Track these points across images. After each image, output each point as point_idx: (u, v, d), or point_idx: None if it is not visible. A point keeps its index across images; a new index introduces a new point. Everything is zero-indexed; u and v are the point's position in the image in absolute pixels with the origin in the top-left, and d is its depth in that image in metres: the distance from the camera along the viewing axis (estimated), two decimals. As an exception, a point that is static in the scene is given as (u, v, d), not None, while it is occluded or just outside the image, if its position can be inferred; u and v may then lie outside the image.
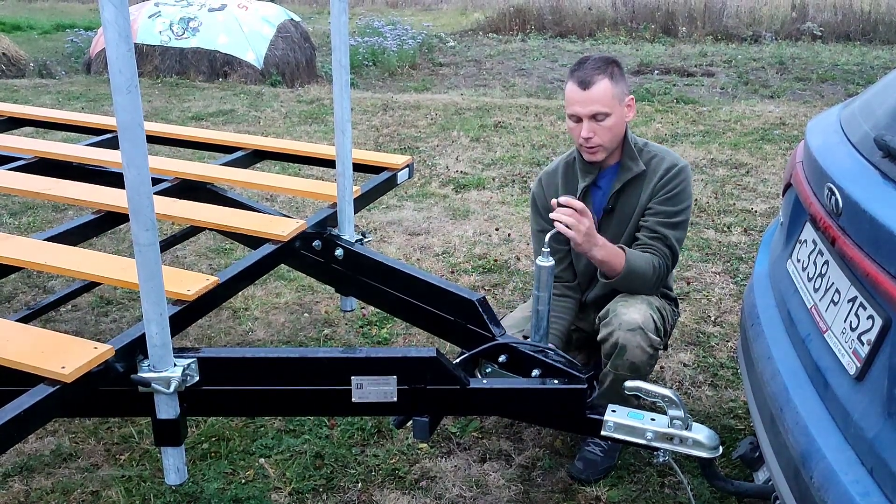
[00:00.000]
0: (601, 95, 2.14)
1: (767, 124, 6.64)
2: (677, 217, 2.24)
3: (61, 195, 2.46)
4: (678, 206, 2.24)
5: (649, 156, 2.27)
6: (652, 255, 2.22)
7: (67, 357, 1.56)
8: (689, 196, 2.27)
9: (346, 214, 2.38)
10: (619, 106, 2.18)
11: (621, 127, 2.22)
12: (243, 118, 7.03)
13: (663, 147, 2.32)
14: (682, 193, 2.24)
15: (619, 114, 2.18)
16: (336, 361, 1.81)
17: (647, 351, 2.16)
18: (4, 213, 4.46)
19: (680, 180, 2.24)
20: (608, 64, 2.17)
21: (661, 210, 2.23)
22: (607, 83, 2.14)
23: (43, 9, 20.59)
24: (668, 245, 2.24)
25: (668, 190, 2.23)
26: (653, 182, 2.25)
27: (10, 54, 10.02)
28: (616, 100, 2.16)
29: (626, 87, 2.21)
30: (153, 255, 1.52)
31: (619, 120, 2.19)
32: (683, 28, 13.74)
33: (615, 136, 2.21)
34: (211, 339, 3.10)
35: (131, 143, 1.43)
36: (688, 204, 2.26)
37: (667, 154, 2.28)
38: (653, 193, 2.25)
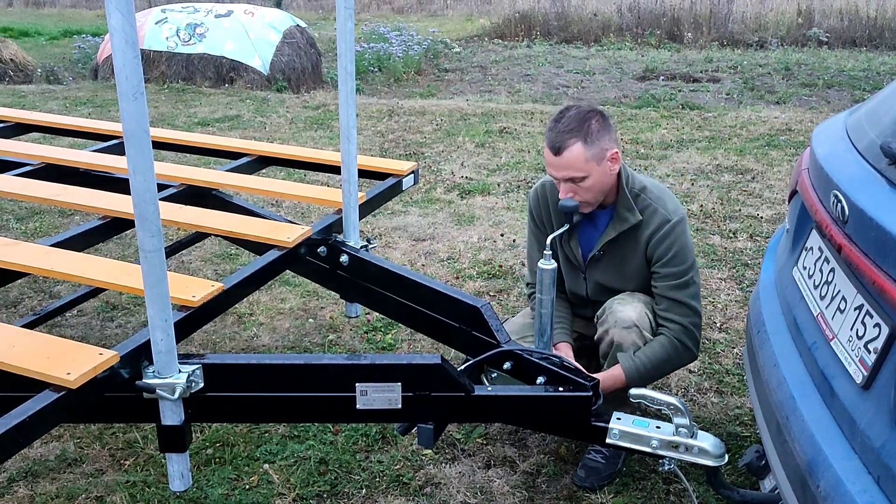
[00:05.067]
0: (573, 160, 2.05)
1: (773, 130, 6.63)
2: (686, 275, 2.18)
3: (68, 201, 2.47)
4: (682, 264, 2.17)
5: (645, 204, 2.18)
6: (666, 338, 2.16)
7: (72, 363, 1.57)
8: (690, 248, 2.20)
9: (351, 221, 2.39)
10: (596, 167, 2.07)
11: (605, 182, 2.13)
12: (249, 124, 7.04)
13: (661, 191, 2.22)
14: (682, 251, 2.17)
15: (598, 173, 2.09)
16: (341, 368, 1.81)
17: (638, 345, 2.19)
18: (11, 218, 4.47)
19: (675, 237, 2.16)
20: (583, 122, 2.06)
21: (668, 273, 2.17)
22: (579, 148, 2.04)
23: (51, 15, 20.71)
24: (686, 307, 2.18)
25: (667, 249, 2.16)
26: (646, 235, 2.17)
27: (18, 60, 10.08)
28: (593, 162, 2.06)
29: (608, 140, 2.09)
30: (159, 261, 1.53)
31: (600, 178, 2.10)
32: (689, 34, 13.73)
33: (599, 191, 2.14)
34: (216, 344, 3.10)
35: (137, 150, 1.44)
36: (691, 259, 2.20)
37: (662, 205, 2.18)
38: (648, 250, 2.18)
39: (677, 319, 2.17)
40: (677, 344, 2.17)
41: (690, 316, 2.19)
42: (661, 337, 2.18)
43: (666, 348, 2.16)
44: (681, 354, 2.19)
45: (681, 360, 2.21)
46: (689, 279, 2.19)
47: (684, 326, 2.17)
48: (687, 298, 2.18)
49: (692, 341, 2.20)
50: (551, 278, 1.99)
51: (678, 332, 2.17)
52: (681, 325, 2.17)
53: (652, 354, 2.15)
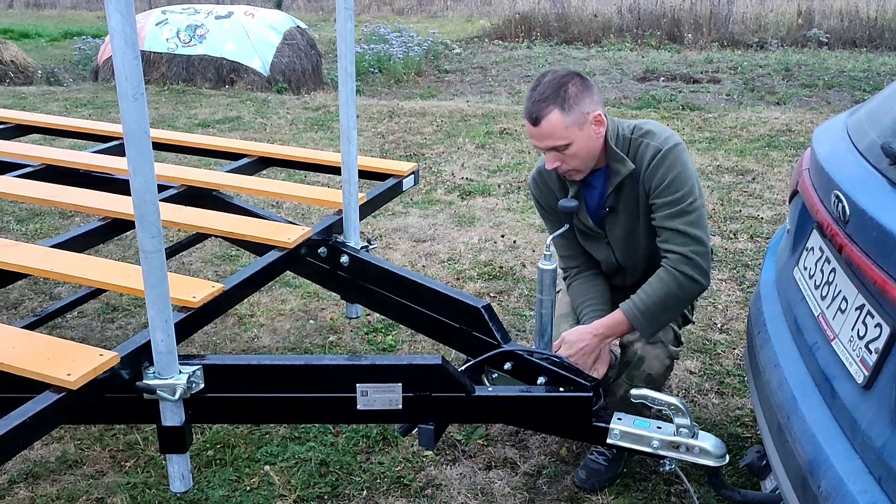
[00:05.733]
0: (553, 129, 1.96)
1: (773, 131, 6.63)
2: (682, 202, 2.02)
3: (68, 202, 2.47)
4: (679, 191, 2.02)
5: (637, 144, 2.07)
6: (664, 270, 2.04)
7: (73, 364, 1.57)
8: (688, 173, 2.04)
9: (351, 221, 2.38)
10: (579, 132, 1.98)
11: (592, 146, 2.03)
12: (249, 125, 7.04)
13: (651, 125, 2.09)
14: (678, 177, 2.02)
15: (582, 138, 2.00)
16: (341, 369, 1.80)
17: (664, 363, 2.17)
18: (12, 219, 4.48)
19: (668, 164, 2.02)
20: (559, 88, 1.96)
21: (665, 202, 2.04)
22: (557, 116, 1.95)
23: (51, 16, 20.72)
24: (686, 235, 2.02)
25: (661, 178, 2.03)
26: (642, 174, 2.06)
27: (18, 62, 10.08)
28: (574, 128, 1.97)
29: (588, 103, 1.99)
30: (159, 262, 1.53)
31: (585, 143, 2.01)
32: (689, 35, 13.73)
33: (586, 157, 2.04)
34: (216, 345, 3.10)
35: (137, 151, 1.44)
36: (690, 183, 2.04)
37: (651, 137, 2.06)
38: (646, 185, 2.07)
39: (676, 249, 2.03)
40: (676, 275, 2.02)
41: (690, 244, 2.02)
42: (659, 270, 2.06)
43: (665, 282, 2.03)
44: (683, 285, 2.02)
45: (684, 291, 2.04)
46: (687, 206, 2.02)
47: (683, 255, 2.02)
48: (685, 226, 2.02)
49: (695, 270, 2.02)
50: (551, 278, 1.98)
51: (676, 261, 2.02)
52: (679, 255, 2.02)
53: (651, 291, 2.04)
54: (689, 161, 2.07)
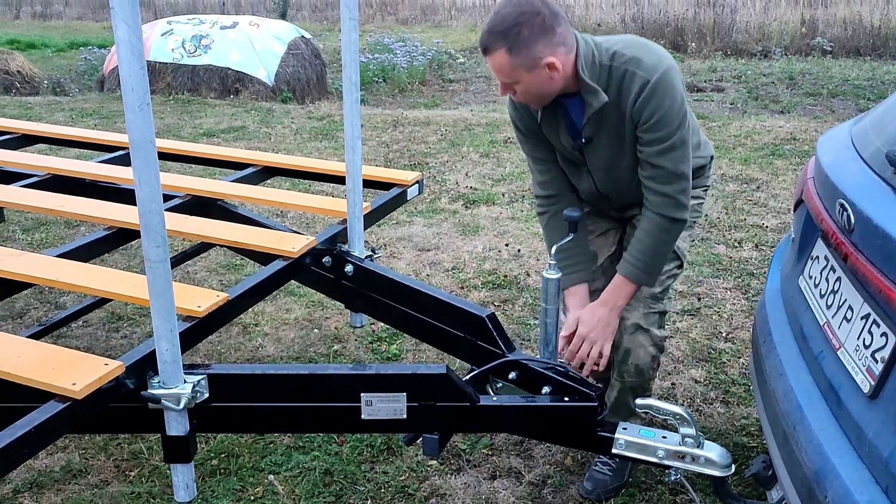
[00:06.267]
0: (498, 67, 1.86)
1: (778, 139, 6.62)
2: (671, 138, 1.91)
3: (74, 212, 2.48)
4: (667, 126, 1.90)
5: (620, 74, 1.91)
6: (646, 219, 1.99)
7: (78, 373, 1.57)
8: (678, 107, 1.90)
9: (355, 231, 2.39)
10: (526, 74, 1.85)
11: (543, 87, 1.89)
12: (254, 135, 7.07)
13: (636, 48, 1.93)
14: (668, 113, 1.89)
15: (530, 80, 1.86)
16: (346, 378, 1.81)
17: (650, 351, 2.17)
18: (17, 229, 4.49)
19: (659, 99, 1.88)
20: (513, 27, 1.81)
21: (651, 138, 1.93)
22: (503, 55, 1.82)
23: (57, 27, 20.85)
24: (669, 173, 1.94)
25: (650, 113, 1.90)
26: (629, 103, 1.92)
27: (25, 72, 10.14)
28: (520, 70, 1.84)
29: (543, 46, 1.82)
30: (164, 271, 1.53)
31: (534, 85, 1.88)
32: (693, 44, 13.76)
33: (536, 95, 1.92)
34: (221, 354, 3.10)
35: (143, 161, 1.45)
36: (678, 117, 1.91)
37: (637, 65, 1.90)
38: (634, 116, 1.93)
39: (657, 189, 1.96)
40: (659, 220, 1.97)
41: (674, 182, 1.95)
42: (643, 220, 2.01)
43: (649, 232, 1.99)
44: (669, 228, 1.98)
45: (671, 233, 2.00)
46: (673, 142, 1.92)
47: (665, 196, 1.95)
48: (669, 163, 1.93)
49: (678, 209, 1.97)
50: (556, 288, 1.98)
51: (658, 204, 1.96)
52: (661, 196, 1.96)
53: (641, 245, 2.00)
54: (678, 86, 1.92)
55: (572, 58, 1.89)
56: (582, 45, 1.91)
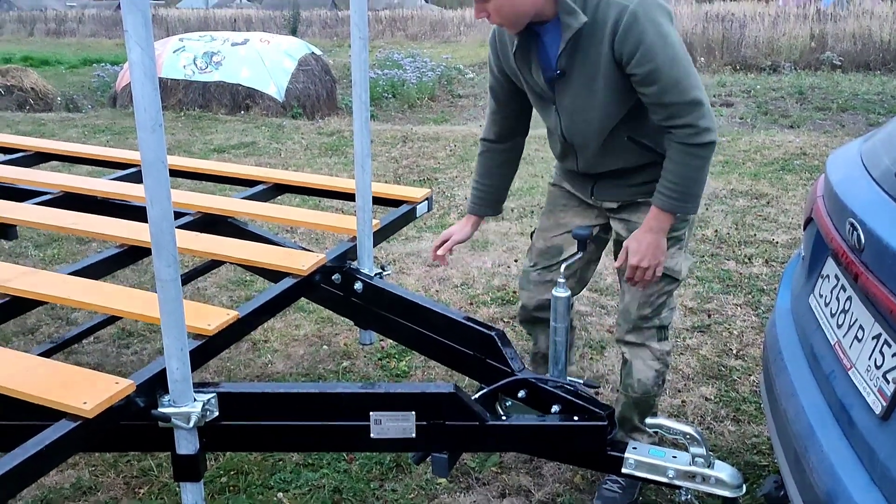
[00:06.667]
0: None
1: (788, 154, 6.61)
2: (668, 69, 1.82)
3: (86, 229, 2.50)
4: (658, 58, 1.81)
5: (594, 2, 1.85)
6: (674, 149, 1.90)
7: (89, 392, 1.58)
8: (664, 33, 1.82)
9: (365, 248, 2.40)
10: None
11: (516, 4, 1.84)
12: (265, 150, 7.11)
13: None
14: (655, 42, 1.80)
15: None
16: (355, 397, 1.81)
17: (653, 366, 2.18)
18: (30, 245, 4.53)
19: (640, 29, 1.80)
20: None
21: (646, 76, 1.83)
22: None
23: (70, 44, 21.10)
24: (682, 105, 1.85)
25: (634, 47, 1.81)
26: (606, 36, 1.84)
27: (39, 89, 10.27)
28: None
29: None
30: (175, 290, 1.54)
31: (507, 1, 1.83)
32: (701, 59, 13.77)
33: (511, 13, 1.86)
34: (230, 371, 3.11)
35: (155, 181, 1.46)
36: (669, 44, 1.82)
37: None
38: (616, 54, 1.85)
39: (678, 122, 1.86)
40: (689, 148, 1.88)
41: (691, 110, 1.85)
42: (670, 151, 1.92)
43: (680, 161, 1.90)
44: (699, 154, 1.89)
45: (703, 158, 1.90)
46: (675, 71, 1.83)
47: (688, 125, 1.86)
48: (680, 96, 1.84)
49: (705, 134, 1.87)
50: (565, 306, 1.98)
51: (684, 136, 1.87)
52: (680, 128, 1.87)
53: (670, 175, 1.92)
54: (660, 16, 1.83)
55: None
56: None
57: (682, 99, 1.84)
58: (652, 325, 2.17)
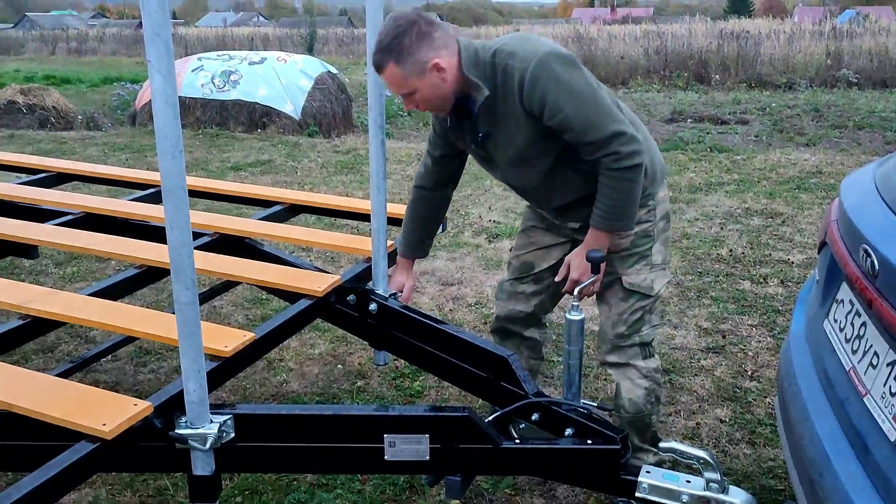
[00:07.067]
0: (392, 80, 1.98)
1: (803, 173, 6.59)
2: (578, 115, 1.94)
3: (106, 250, 2.54)
4: (567, 107, 1.93)
5: (501, 68, 1.98)
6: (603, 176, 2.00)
7: (108, 414, 1.60)
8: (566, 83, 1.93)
9: (380, 269, 2.42)
10: (419, 81, 1.96)
11: (439, 89, 1.99)
12: (281, 168, 7.18)
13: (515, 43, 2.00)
14: (559, 95, 1.92)
15: (424, 85, 1.97)
16: (369, 419, 1.82)
17: (641, 384, 2.22)
18: (50, 263, 4.59)
19: (542, 87, 1.93)
20: (395, 39, 1.93)
21: (561, 125, 1.96)
22: (393, 68, 1.95)
23: (91, 62, 21.41)
24: (603, 140, 1.95)
25: (541, 103, 1.94)
26: (516, 98, 1.97)
27: (60, 107, 10.43)
28: (412, 78, 1.96)
29: (426, 51, 1.94)
30: (193, 313, 1.57)
31: (429, 89, 1.99)
32: (717, 76, 13.78)
33: (438, 98, 2.02)
34: (246, 390, 3.13)
35: (174, 206, 1.49)
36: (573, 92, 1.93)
37: (515, 58, 1.96)
38: (527, 110, 1.98)
39: (601, 154, 1.97)
40: (616, 174, 1.98)
41: (612, 143, 1.95)
42: (601, 177, 2.01)
43: (610, 186, 2.00)
44: (627, 176, 1.99)
45: (631, 179, 2.00)
46: (586, 115, 1.94)
47: (613, 153, 1.95)
48: (596, 133, 1.94)
49: (629, 158, 1.96)
50: (579, 329, 1.99)
51: (609, 162, 1.97)
52: (609, 155, 1.96)
53: (606, 199, 2.02)
54: (557, 68, 1.95)
55: (456, 59, 2.00)
56: (463, 45, 2.02)
57: (601, 136, 1.96)
58: (632, 342, 2.22)
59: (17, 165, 3.67)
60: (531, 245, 2.40)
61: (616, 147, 1.95)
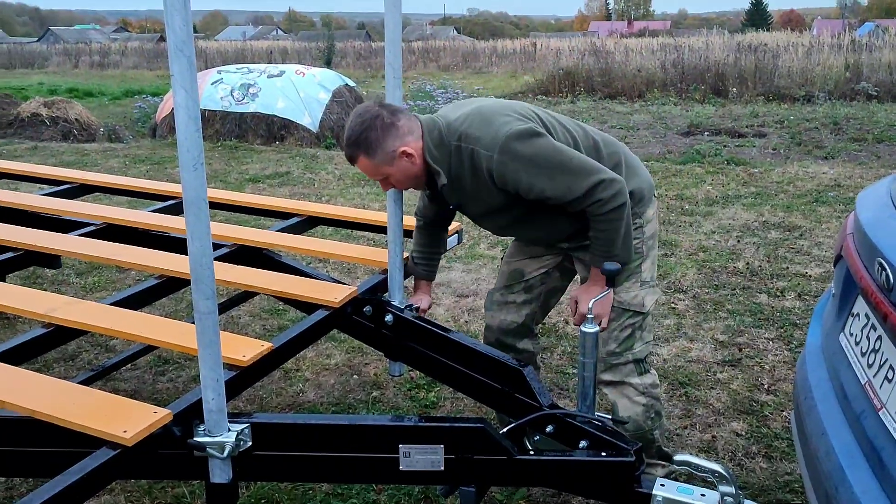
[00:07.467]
0: (366, 169, 2.14)
1: (822, 186, 6.55)
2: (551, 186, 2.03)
3: (127, 260, 2.58)
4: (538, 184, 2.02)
5: (468, 152, 2.07)
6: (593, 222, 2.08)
7: (128, 421, 1.63)
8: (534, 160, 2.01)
9: (396, 281, 2.44)
10: (390, 168, 2.10)
11: (410, 173, 2.13)
12: (298, 180, 7.24)
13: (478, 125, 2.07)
14: (529, 177, 2.02)
15: (396, 170, 2.11)
16: (384, 430, 1.83)
17: (637, 401, 2.24)
18: (72, 272, 4.66)
19: (512, 169, 2.02)
20: (361, 134, 2.05)
21: (539, 197, 2.05)
22: (364, 160, 2.09)
23: (114, 76, 21.70)
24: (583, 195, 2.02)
25: (515, 183, 2.04)
26: (487, 180, 2.07)
27: (83, 120, 10.59)
28: (384, 166, 2.09)
29: (392, 141, 2.06)
30: (212, 323, 1.59)
31: (401, 173, 2.12)
32: (734, 89, 13.74)
33: (411, 178, 2.16)
34: (262, 399, 3.16)
35: (195, 217, 1.52)
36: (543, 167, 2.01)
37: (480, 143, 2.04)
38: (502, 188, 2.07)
39: (586, 204, 2.04)
40: (604, 216, 2.05)
41: (592, 193, 2.02)
42: (590, 221, 2.09)
43: (600, 228, 2.08)
44: (615, 216, 2.05)
45: (619, 218, 2.07)
46: (562, 184, 2.02)
47: (595, 202, 2.03)
48: (576, 192, 2.02)
49: (612, 201, 2.03)
50: (594, 341, 1.99)
51: (595, 209, 2.04)
52: (592, 204, 2.03)
53: (600, 241, 2.10)
54: (522, 145, 2.02)
55: (421, 143, 2.12)
56: (427, 128, 2.12)
57: (579, 193, 2.04)
58: (625, 360, 2.24)
59: (40, 176, 3.74)
60: (522, 254, 2.46)
61: (598, 196, 2.03)
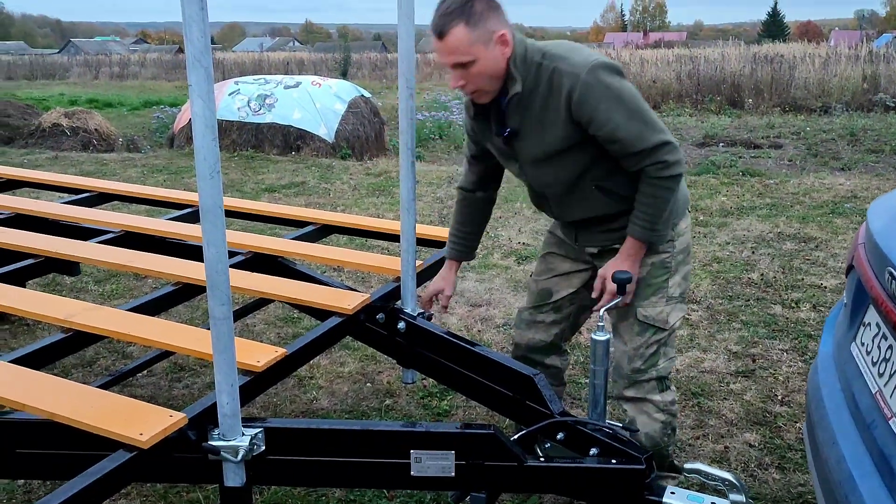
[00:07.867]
0: (457, 44, 1.92)
1: (838, 197, 6.52)
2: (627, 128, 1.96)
3: (144, 267, 2.62)
4: (613, 118, 1.95)
5: (548, 71, 1.99)
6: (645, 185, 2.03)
7: (144, 424, 1.66)
8: (616, 95, 1.95)
9: (408, 288, 2.46)
10: (484, 50, 1.94)
11: (496, 67, 1.98)
12: (314, 190, 7.29)
13: (566, 50, 2.01)
14: (610, 106, 1.94)
15: (487, 57, 1.95)
16: (396, 435, 1.85)
17: (656, 418, 2.20)
18: (90, 280, 4.72)
19: (594, 97, 1.94)
20: (466, 3, 1.91)
21: (608, 137, 1.97)
22: (462, 30, 1.91)
23: (133, 86, 21.95)
24: (648, 150, 1.97)
25: (592, 109, 1.95)
26: (562, 103, 1.98)
27: (102, 130, 10.74)
28: (479, 45, 1.93)
29: (495, 21, 1.94)
30: (227, 328, 1.62)
31: (490, 62, 1.96)
32: (750, 100, 13.70)
33: (490, 77, 1.99)
34: (277, 406, 3.18)
35: (212, 225, 1.55)
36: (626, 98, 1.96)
37: (565, 62, 1.97)
38: (575, 117, 1.98)
39: (646, 163, 1.99)
40: (658, 182, 2.01)
41: (657, 152, 1.97)
42: (642, 185, 2.04)
43: (651, 193, 2.02)
44: (668, 185, 2.02)
45: (671, 190, 2.03)
46: (634, 129, 1.96)
47: (659, 163, 1.98)
48: (644, 144, 1.97)
49: (672, 167, 2.00)
50: (604, 349, 2.00)
51: (653, 171, 2.00)
52: (655, 164, 1.99)
53: (646, 208, 2.04)
54: (609, 78, 1.96)
55: (513, 44, 1.99)
56: (517, 38, 2.02)
57: (647, 145, 1.98)
58: (648, 377, 2.20)
59: (60, 185, 3.81)
60: (550, 271, 2.41)
61: (663, 156, 1.98)
